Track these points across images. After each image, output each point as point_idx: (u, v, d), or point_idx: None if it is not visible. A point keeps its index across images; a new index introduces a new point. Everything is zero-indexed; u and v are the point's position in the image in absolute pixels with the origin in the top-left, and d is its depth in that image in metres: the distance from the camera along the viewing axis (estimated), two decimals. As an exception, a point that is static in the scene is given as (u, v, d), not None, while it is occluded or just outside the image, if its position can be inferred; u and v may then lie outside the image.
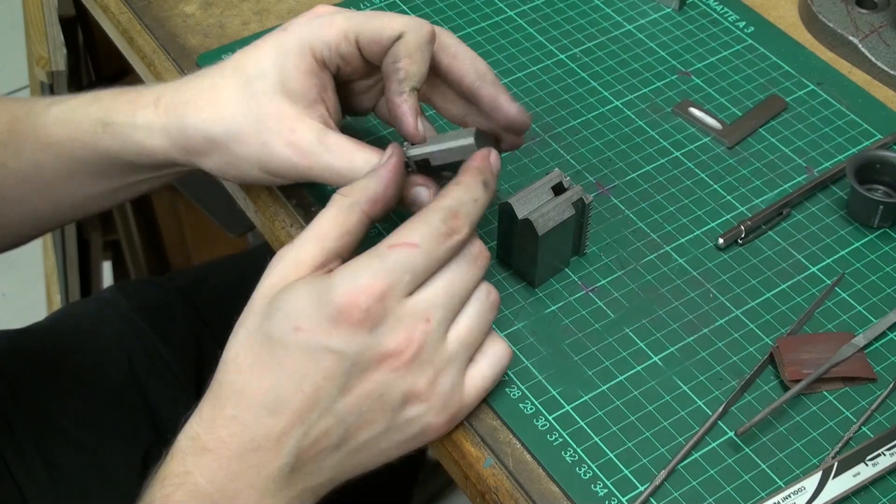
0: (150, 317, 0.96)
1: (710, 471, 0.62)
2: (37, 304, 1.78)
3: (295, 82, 0.66)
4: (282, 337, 0.58)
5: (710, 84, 0.83)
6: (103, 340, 0.94)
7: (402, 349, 0.58)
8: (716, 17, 0.88)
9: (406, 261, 0.58)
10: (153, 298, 0.99)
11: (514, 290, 0.70)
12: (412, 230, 0.59)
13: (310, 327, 0.57)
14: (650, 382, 0.66)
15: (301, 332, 0.57)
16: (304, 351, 0.57)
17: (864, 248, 0.73)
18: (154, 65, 0.84)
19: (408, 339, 0.58)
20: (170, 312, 0.97)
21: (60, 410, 0.90)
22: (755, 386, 0.66)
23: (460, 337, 0.61)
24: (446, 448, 0.64)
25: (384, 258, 0.58)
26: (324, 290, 0.58)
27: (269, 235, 0.76)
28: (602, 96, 0.82)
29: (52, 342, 0.95)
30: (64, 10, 1.27)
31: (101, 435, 0.90)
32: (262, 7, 0.87)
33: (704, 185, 0.76)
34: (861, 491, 0.61)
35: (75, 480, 0.88)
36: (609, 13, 0.88)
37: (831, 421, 0.64)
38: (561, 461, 0.62)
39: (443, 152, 0.65)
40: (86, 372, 0.92)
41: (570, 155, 0.78)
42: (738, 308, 0.70)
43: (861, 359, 0.67)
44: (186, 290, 1.00)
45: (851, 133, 0.79)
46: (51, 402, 0.90)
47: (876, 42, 0.84)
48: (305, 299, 0.58)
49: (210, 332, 0.97)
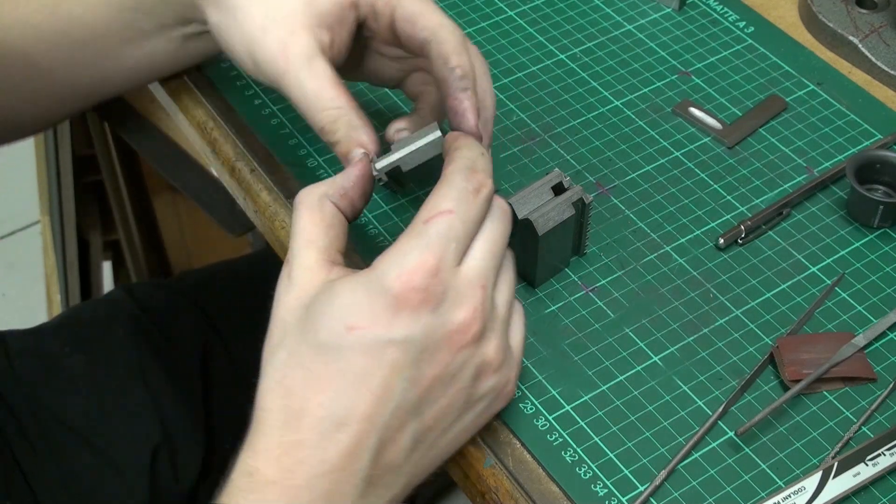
0: (157, 317, 0.97)
1: (710, 471, 0.62)
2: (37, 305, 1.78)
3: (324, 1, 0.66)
4: (335, 341, 0.55)
5: (710, 84, 0.83)
6: (112, 340, 0.95)
7: (469, 322, 0.56)
8: (716, 17, 0.88)
9: (447, 230, 0.56)
10: (161, 299, 0.99)
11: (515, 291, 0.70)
12: (441, 198, 0.57)
13: (366, 322, 0.55)
14: (650, 382, 0.66)
15: (357, 331, 0.55)
16: (364, 349, 0.55)
17: (864, 248, 0.73)
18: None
19: (473, 310, 0.56)
20: (177, 313, 0.98)
21: (71, 410, 0.90)
22: (755, 386, 0.66)
23: (504, 297, 0.59)
24: (446, 448, 0.64)
25: (425, 233, 0.56)
26: (372, 281, 0.55)
27: (269, 235, 0.76)
28: (602, 96, 0.82)
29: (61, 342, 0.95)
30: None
31: (111, 434, 0.90)
32: (262, 7, 0.87)
33: (704, 185, 0.76)
34: (861, 491, 0.61)
35: (87, 481, 0.88)
36: (609, 13, 0.88)
37: (831, 421, 0.64)
38: (561, 461, 0.62)
39: (413, 154, 0.63)
40: (95, 372, 0.93)
41: (570, 155, 0.78)
42: (738, 308, 0.70)
43: (861, 359, 0.67)
44: (193, 292, 1.00)
45: (851, 133, 0.79)
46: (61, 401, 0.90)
47: (876, 42, 0.84)
48: (353, 296, 0.55)
49: (216, 333, 0.97)
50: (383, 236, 0.72)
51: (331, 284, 0.56)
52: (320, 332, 0.55)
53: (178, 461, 0.91)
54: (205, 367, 0.96)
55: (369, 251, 0.71)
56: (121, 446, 0.90)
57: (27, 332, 0.98)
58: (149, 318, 0.96)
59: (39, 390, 0.90)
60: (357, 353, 0.55)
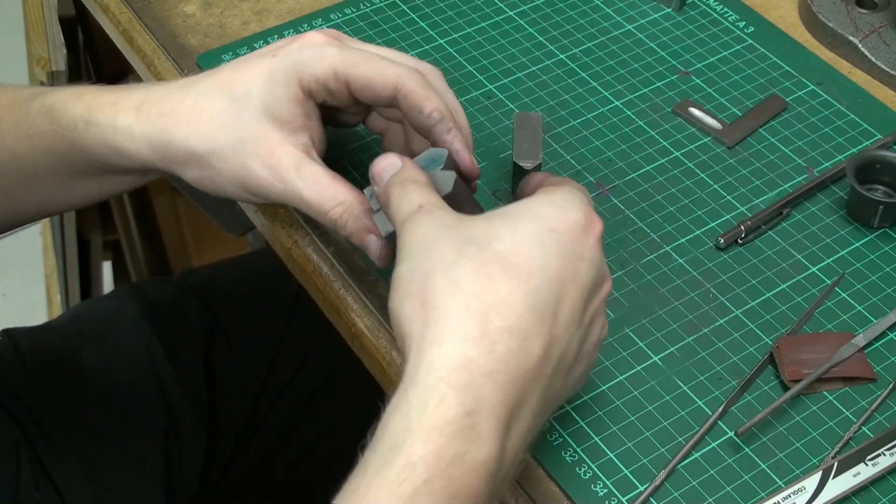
0: (164, 313, 0.98)
1: (710, 471, 0.62)
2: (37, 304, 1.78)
3: (280, 109, 0.66)
4: (539, 237, 0.55)
5: (710, 84, 0.83)
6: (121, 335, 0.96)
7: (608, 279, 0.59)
8: (716, 17, 0.88)
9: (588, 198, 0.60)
10: (167, 295, 1.00)
11: None
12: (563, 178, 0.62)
13: (565, 229, 0.56)
14: (650, 382, 0.66)
15: (557, 234, 0.56)
16: (563, 254, 0.55)
17: (864, 248, 0.73)
18: (154, 65, 0.84)
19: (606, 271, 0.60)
20: (183, 309, 0.99)
21: (87, 405, 0.91)
22: (755, 386, 0.66)
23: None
24: (446, 448, 0.64)
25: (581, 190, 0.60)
26: (558, 200, 0.57)
27: (269, 235, 0.76)
28: (602, 96, 0.82)
29: (71, 338, 0.96)
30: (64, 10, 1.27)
31: (123, 426, 0.91)
32: (262, 7, 0.87)
33: (704, 185, 0.76)
34: (861, 491, 0.61)
35: (108, 475, 0.89)
36: (609, 13, 0.88)
37: (831, 421, 0.64)
38: (561, 461, 0.62)
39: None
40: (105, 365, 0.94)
41: (570, 155, 0.78)
42: (738, 308, 0.70)
43: (861, 359, 0.67)
44: (198, 289, 1.01)
45: (851, 133, 0.79)
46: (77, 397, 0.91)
47: (876, 42, 0.84)
48: (545, 207, 0.57)
49: (220, 328, 0.98)
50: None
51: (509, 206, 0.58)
52: (518, 229, 0.55)
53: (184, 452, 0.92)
54: (208, 361, 0.97)
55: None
56: (136, 440, 0.91)
57: (36, 328, 0.99)
58: (156, 313, 0.97)
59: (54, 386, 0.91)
60: (557, 255, 0.55)
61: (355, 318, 0.69)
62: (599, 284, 0.58)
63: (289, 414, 0.98)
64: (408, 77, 0.66)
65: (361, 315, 0.69)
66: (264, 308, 1.01)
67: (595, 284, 0.57)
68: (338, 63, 0.66)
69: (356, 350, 0.70)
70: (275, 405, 0.97)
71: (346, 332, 0.70)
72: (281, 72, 0.66)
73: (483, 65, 0.83)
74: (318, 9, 0.87)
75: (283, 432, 0.98)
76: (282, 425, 0.97)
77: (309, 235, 0.72)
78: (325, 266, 0.71)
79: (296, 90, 0.67)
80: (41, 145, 0.71)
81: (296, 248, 0.73)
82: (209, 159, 0.67)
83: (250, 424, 0.96)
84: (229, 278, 1.05)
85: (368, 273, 0.70)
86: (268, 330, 0.99)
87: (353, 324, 0.69)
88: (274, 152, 0.66)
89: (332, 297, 0.70)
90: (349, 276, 0.70)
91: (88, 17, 1.20)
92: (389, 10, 0.87)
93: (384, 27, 0.86)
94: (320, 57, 0.66)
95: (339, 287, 0.70)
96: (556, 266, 0.55)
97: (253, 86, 0.67)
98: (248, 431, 0.96)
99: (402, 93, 0.66)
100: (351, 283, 0.70)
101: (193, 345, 0.97)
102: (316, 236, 0.72)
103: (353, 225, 0.65)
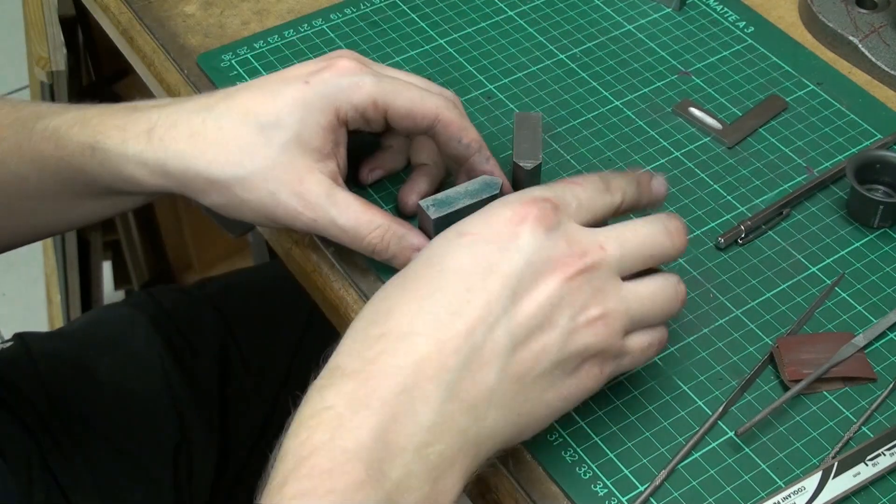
0: (178, 322, 0.97)
1: (710, 471, 0.62)
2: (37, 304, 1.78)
3: (312, 137, 0.66)
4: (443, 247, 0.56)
5: (710, 84, 0.83)
6: (135, 345, 0.95)
7: (573, 258, 0.56)
8: (716, 17, 0.88)
9: (570, 190, 0.59)
10: (182, 304, 0.99)
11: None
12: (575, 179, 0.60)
13: (479, 229, 0.56)
14: (650, 382, 0.66)
15: (468, 236, 0.56)
16: (472, 254, 0.55)
17: (864, 248, 0.73)
18: (154, 65, 0.84)
19: (581, 252, 0.56)
20: (197, 319, 0.98)
21: (98, 413, 0.91)
22: (755, 386, 0.66)
23: (638, 292, 0.58)
24: (446, 448, 0.64)
25: (550, 185, 0.59)
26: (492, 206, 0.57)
27: (270, 236, 0.76)
28: (602, 96, 0.82)
29: (83, 345, 0.95)
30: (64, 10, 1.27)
31: (135, 437, 0.91)
32: (262, 7, 0.87)
33: (704, 185, 0.76)
34: (861, 491, 0.61)
35: (117, 483, 0.89)
36: (609, 13, 0.88)
37: (831, 421, 0.64)
38: (561, 461, 0.62)
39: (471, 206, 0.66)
40: (118, 375, 0.93)
41: (570, 155, 0.78)
42: (738, 308, 0.70)
43: (861, 359, 0.67)
44: (213, 299, 1.01)
45: (851, 133, 0.79)
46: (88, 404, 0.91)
47: (876, 42, 0.84)
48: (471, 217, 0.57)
49: (234, 340, 0.98)
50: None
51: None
52: (431, 245, 0.57)
53: (195, 465, 0.92)
54: (222, 372, 0.96)
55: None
56: (146, 449, 0.91)
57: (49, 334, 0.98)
58: (170, 323, 0.97)
59: (66, 393, 0.91)
60: (463, 254, 0.55)
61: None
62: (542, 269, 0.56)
63: None
64: (446, 108, 0.67)
65: (361, 315, 0.69)
66: (279, 324, 1.01)
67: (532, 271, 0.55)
68: (376, 93, 0.66)
69: (356, 350, 0.70)
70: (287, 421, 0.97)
71: (346, 332, 0.70)
72: (317, 100, 0.66)
73: (483, 65, 0.84)
74: (318, 9, 0.87)
75: None
76: None
77: (309, 235, 0.72)
78: (325, 266, 0.71)
79: (331, 119, 0.66)
80: (45, 169, 0.70)
81: (296, 248, 0.73)
82: (233, 187, 0.66)
83: (262, 440, 0.96)
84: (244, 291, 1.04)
85: (368, 273, 0.70)
86: (281, 346, 0.99)
87: (353, 324, 0.69)
88: (304, 180, 0.65)
89: (332, 297, 0.70)
90: (349, 276, 0.70)
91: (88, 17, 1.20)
92: (389, 10, 0.87)
93: (384, 27, 0.86)
94: (358, 86, 0.66)
95: (339, 287, 0.70)
96: (458, 265, 0.55)
97: (285, 114, 0.66)
98: (260, 446, 0.96)
99: (442, 124, 0.67)
100: (351, 283, 0.70)
101: (207, 358, 0.96)
102: (316, 236, 0.72)
103: (397, 246, 0.66)
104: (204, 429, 0.93)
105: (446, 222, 0.64)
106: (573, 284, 0.56)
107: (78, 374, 0.92)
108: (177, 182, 0.67)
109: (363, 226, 0.65)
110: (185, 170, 0.66)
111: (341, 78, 0.66)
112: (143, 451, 0.90)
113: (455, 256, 0.55)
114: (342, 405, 0.52)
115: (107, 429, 0.90)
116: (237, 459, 0.95)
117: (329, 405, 0.52)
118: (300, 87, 0.66)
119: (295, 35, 0.85)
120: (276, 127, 0.65)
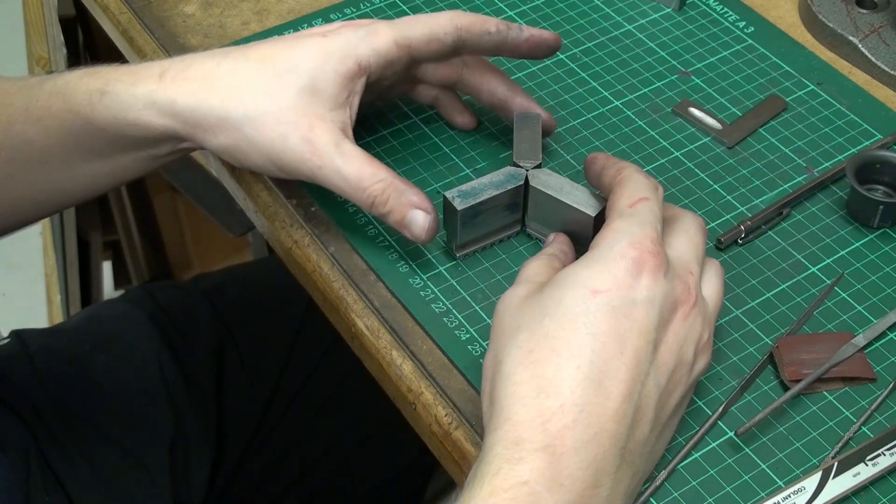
0: (174, 318, 0.97)
1: (710, 471, 0.62)
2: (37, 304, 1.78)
3: (328, 84, 0.66)
4: (581, 306, 0.55)
5: (710, 84, 0.83)
6: (132, 339, 0.96)
7: (686, 295, 0.58)
8: (716, 17, 0.88)
9: (651, 212, 0.59)
10: (178, 300, 1.00)
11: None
12: (636, 189, 0.60)
13: (610, 285, 0.55)
14: (650, 382, 0.66)
15: (602, 294, 0.55)
16: (612, 311, 0.55)
17: (864, 248, 0.73)
18: (154, 65, 0.84)
19: (687, 286, 0.58)
20: (193, 315, 0.99)
21: (96, 409, 0.91)
22: (755, 386, 0.66)
23: (711, 296, 0.61)
24: (446, 448, 0.64)
25: (636, 214, 0.58)
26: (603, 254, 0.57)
27: (270, 235, 0.76)
28: (602, 96, 0.82)
29: (81, 341, 0.96)
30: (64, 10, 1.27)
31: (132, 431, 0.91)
32: (262, 7, 0.87)
33: (704, 185, 0.76)
34: (861, 491, 0.61)
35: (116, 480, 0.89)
36: (609, 13, 0.88)
37: (831, 421, 0.64)
38: (561, 461, 0.62)
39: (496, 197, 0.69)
40: (116, 370, 0.94)
41: (570, 155, 0.78)
42: (738, 308, 0.70)
43: (861, 359, 0.67)
44: (209, 295, 1.01)
45: (851, 133, 0.79)
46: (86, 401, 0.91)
47: (876, 42, 0.84)
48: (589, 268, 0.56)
49: (230, 336, 0.98)
50: (383, 237, 0.72)
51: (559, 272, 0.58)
52: (563, 301, 0.56)
53: (192, 459, 0.92)
54: (219, 367, 0.96)
55: (369, 252, 0.71)
56: (144, 446, 0.91)
57: (46, 331, 0.98)
58: (166, 318, 0.97)
59: (63, 390, 0.91)
60: (606, 315, 0.55)
61: (355, 318, 0.69)
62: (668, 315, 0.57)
63: (296, 425, 0.97)
64: (458, 14, 0.68)
65: (362, 315, 0.69)
66: (275, 319, 1.01)
67: (662, 319, 0.57)
68: (394, 33, 0.68)
69: (356, 350, 0.70)
70: (283, 416, 0.97)
71: (346, 332, 0.70)
72: (336, 50, 0.67)
73: (483, 65, 0.83)
74: (318, 9, 0.87)
75: (291, 443, 0.97)
76: (289, 436, 0.97)
77: (309, 235, 0.72)
78: (325, 266, 0.71)
79: (350, 66, 0.67)
80: (52, 126, 0.70)
81: (296, 248, 0.73)
82: (243, 127, 0.66)
83: (258, 435, 0.96)
84: (240, 286, 1.05)
85: (368, 273, 0.70)
86: (278, 341, 0.99)
87: (353, 324, 0.69)
88: (314, 126, 0.66)
89: (332, 297, 0.70)
90: (349, 276, 0.70)
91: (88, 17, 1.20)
92: (389, 11, 0.87)
93: (384, 27, 0.86)
94: (376, 32, 0.68)
95: (339, 287, 0.70)
96: (607, 328, 0.55)
97: (303, 61, 0.66)
98: (256, 441, 0.96)
99: (464, 27, 0.68)
100: (351, 283, 0.70)
101: (203, 353, 0.97)
102: (316, 236, 0.72)
103: (396, 201, 0.66)
104: (201, 423, 0.93)
105: (472, 213, 0.67)
106: (690, 319, 0.58)
107: (75, 370, 0.92)
108: (183, 122, 0.67)
109: (366, 177, 0.66)
110: (196, 107, 0.66)
111: (358, 29, 0.68)
112: (141, 445, 0.91)
113: (598, 318, 0.55)
114: (535, 481, 0.52)
115: (104, 423, 0.90)
116: (234, 453, 0.95)
117: (524, 480, 0.52)
118: (318, 40, 0.68)
119: (295, 35, 0.84)
120: (293, 72, 0.66)
